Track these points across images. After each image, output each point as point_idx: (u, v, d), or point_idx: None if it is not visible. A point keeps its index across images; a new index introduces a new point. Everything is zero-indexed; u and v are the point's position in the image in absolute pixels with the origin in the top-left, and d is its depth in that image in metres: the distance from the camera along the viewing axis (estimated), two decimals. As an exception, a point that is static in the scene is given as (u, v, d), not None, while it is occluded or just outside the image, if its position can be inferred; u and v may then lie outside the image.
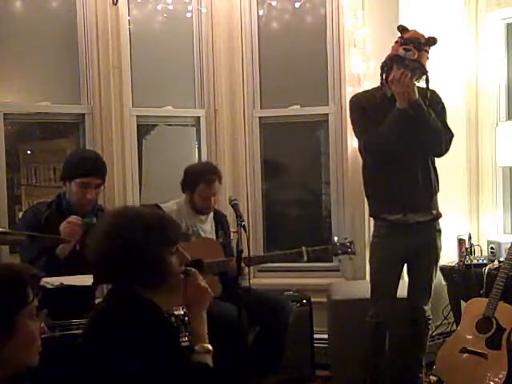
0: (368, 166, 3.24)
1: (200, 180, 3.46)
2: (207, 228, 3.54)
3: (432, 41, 3.05)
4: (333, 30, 4.16)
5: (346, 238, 3.49)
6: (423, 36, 3.04)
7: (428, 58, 3.06)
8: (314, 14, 4.23)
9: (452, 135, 3.17)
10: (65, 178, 3.08)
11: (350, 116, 3.27)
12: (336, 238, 3.48)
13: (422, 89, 3.06)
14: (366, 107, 3.15)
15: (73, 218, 2.91)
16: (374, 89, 3.22)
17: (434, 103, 3.13)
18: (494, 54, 4.24)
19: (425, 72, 3.04)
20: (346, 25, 4.04)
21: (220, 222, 3.62)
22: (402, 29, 3.09)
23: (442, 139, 3.10)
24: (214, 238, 3.55)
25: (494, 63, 4.24)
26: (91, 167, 3.05)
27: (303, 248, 3.39)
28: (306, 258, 3.39)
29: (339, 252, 3.43)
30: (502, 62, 4.25)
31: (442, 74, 3.35)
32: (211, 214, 3.60)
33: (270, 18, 4.29)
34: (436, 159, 3.23)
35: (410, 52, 2.98)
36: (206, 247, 3.37)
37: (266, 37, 4.29)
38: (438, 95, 3.20)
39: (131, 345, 1.75)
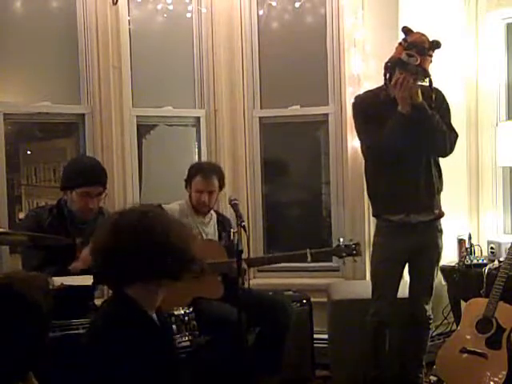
0: (370, 167, 3.24)
1: (198, 172, 3.45)
2: (209, 231, 3.51)
3: (436, 45, 3.03)
4: (333, 29, 4.16)
5: (351, 240, 3.44)
6: (427, 40, 3.01)
7: (431, 62, 3.04)
8: (314, 13, 4.23)
9: (456, 135, 3.17)
10: (65, 187, 3.05)
11: (353, 118, 3.25)
12: (341, 240, 3.42)
13: (426, 88, 3.06)
14: (369, 109, 3.14)
15: None
16: (377, 88, 3.20)
17: (439, 103, 3.12)
18: (493, 54, 4.24)
19: (427, 76, 3.03)
20: (345, 25, 4.04)
21: (223, 226, 3.57)
22: (407, 30, 3.06)
23: (446, 140, 3.10)
24: (217, 240, 3.52)
25: (494, 63, 4.24)
26: (92, 176, 3.02)
27: (308, 250, 3.34)
28: (309, 260, 3.35)
29: (344, 254, 3.38)
30: (502, 62, 4.24)
31: (442, 74, 3.34)
32: (214, 218, 3.56)
33: (270, 18, 4.29)
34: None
35: (413, 58, 2.95)
36: (209, 248, 3.34)
37: (266, 37, 4.29)
38: (442, 94, 3.18)
39: (128, 349, 1.76)
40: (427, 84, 3.05)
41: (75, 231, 3.00)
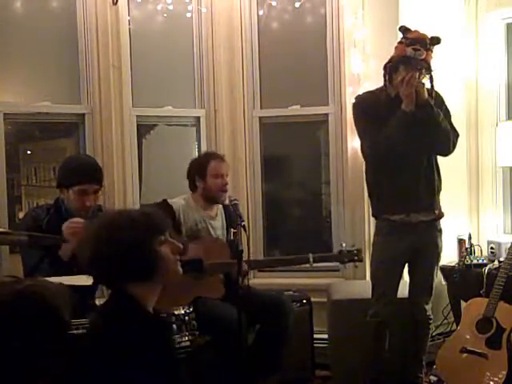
0: (371, 167, 3.24)
1: (210, 158, 3.44)
2: (217, 224, 3.48)
3: (436, 40, 3.06)
4: (333, 29, 4.16)
5: (353, 245, 3.41)
6: (427, 36, 3.05)
7: (432, 58, 3.06)
8: (314, 13, 4.23)
9: (458, 134, 3.19)
10: (62, 185, 3.05)
11: (354, 118, 3.26)
12: (344, 245, 3.38)
13: (428, 89, 3.07)
14: (369, 109, 3.15)
15: (75, 219, 2.90)
16: (377, 89, 3.21)
17: (438, 104, 3.13)
18: (493, 54, 4.24)
19: (431, 70, 3.04)
20: (345, 25, 4.04)
21: (230, 218, 3.51)
22: (405, 29, 3.08)
23: (450, 139, 3.11)
24: (225, 234, 3.49)
25: (494, 63, 4.24)
26: (88, 174, 3.01)
27: (310, 254, 3.30)
28: (311, 265, 3.34)
29: (345, 260, 3.34)
30: (502, 61, 4.25)
31: (442, 74, 3.35)
32: (221, 210, 3.53)
33: (270, 18, 4.29)
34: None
35: (419, 51, 2.98)
36: (213, 247, 3.32)
37: (266, 37, 4.29)
38: (441, 96, 3.20)
39: (129, 347, 1.76)
40: (428, 80, 3.06)
41: None
